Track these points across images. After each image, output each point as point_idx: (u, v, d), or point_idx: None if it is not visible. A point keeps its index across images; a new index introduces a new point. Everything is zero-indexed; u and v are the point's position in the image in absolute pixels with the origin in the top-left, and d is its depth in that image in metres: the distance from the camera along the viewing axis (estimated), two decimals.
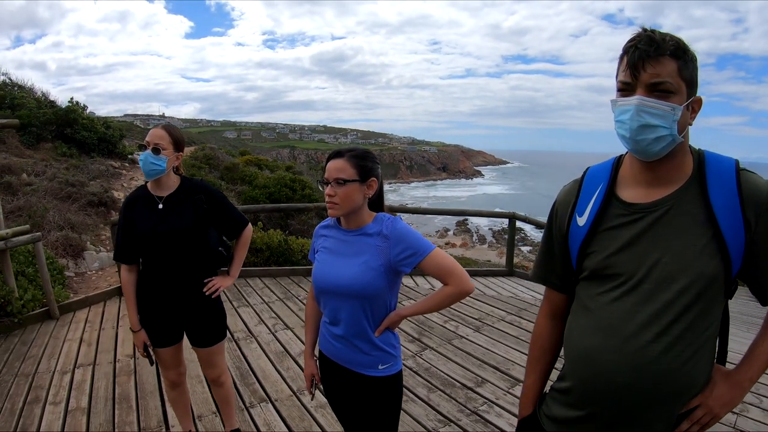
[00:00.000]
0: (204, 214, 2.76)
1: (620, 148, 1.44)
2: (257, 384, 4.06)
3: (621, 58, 1.35)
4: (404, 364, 4.31)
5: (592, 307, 1.45)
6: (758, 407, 3.75)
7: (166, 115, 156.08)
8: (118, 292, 6.45)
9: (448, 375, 4.29)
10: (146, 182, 2.77)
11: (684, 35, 1.35)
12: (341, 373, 2.10)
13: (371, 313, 2.00)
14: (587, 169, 1.56)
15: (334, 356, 2.10)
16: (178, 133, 2.76)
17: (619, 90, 1.36)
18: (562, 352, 1.67)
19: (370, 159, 2.03)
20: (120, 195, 12.38)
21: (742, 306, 7.44)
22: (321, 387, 2.27)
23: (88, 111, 17.72)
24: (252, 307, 6.01)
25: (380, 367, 2.03)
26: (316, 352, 2.27)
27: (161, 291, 2.76)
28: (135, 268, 2.80)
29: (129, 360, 4.49)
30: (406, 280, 7.13)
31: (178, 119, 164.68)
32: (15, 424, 3.49)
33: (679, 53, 1.29)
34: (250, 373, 4.26)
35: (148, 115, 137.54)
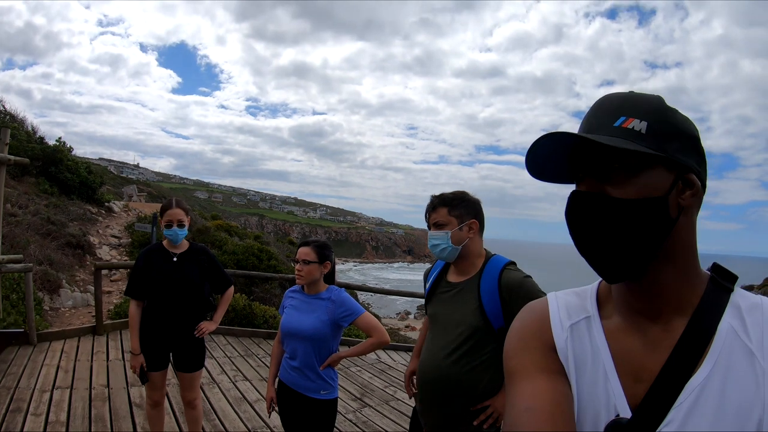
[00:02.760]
0: (204, 271, 3.61)
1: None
2: (218, 420, 4.63)
3: None
4: (345, 417, 4.99)
5: (428, 336, 2.46)
6: None
7: (140, 165, 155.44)
8: (91, 330, 6.98)
9: (382, 428, 4.91)
10: (161, 240, 3.60)
11: None
12: (294, 396, 2.90)
13: (319, 352, 2.88)
14: (437, 261, 2.58)
15: (290, 383, 2.92)
16: (185, 204, 3.65)
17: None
18: None
19: (327, 248, 2.99)
20: (96, 240, 12.87)
21: None
22: (277, 408, 3.03)
23: (72, 153, 18.35)
24: (216, 360, 6.58)
25: (322, 392, 2.87)
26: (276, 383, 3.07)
27: (161, 324, 3.51)
28: (142, 304, 3.56)
29: (103, 389, 5.01)
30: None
31: (152, 171, 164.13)
32: None
33: (448, 202, 2.37)
34: (212, 411, 4.82)
35: (122, 163, 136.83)
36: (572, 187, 0.90)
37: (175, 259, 3.54)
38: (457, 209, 2.35)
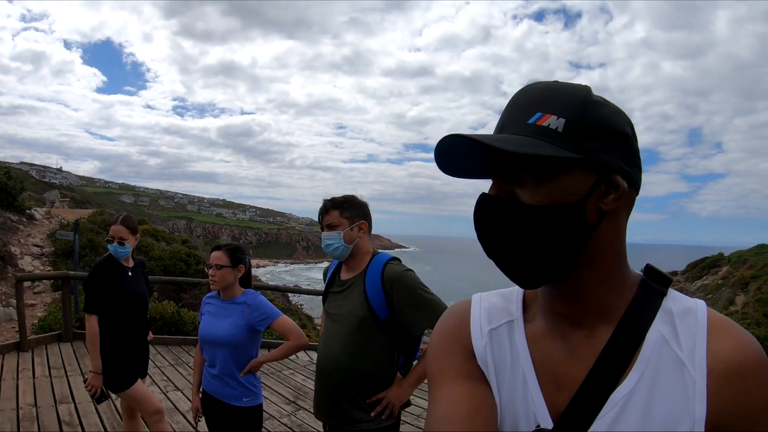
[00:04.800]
0: (147, 283, 3.68)
1: None
2: None
3: None
4: (280, 422, 5.04)
5: (324, 331, 2.56)
6: None
7: (63, 169, 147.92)
8: (15, 347, 6.64)
9: (316, 429, 4.89)
10: (109, 254, 3.48)
11: None
12: (217, 405, 2.87)
13: (237, 358, 2.84)
14: (332, 262, 2.67)
15: (212, 391, 2.88)
16: (132, 222, 3.55)
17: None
18: None
19: (240, 252, 2.94)
20: (17, 251, 12.25)
21: None
22: (202, 417, 2.99)
23: None
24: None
25: (244, 399, 2.84)
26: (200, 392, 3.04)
27: (123, 338, 3.44)
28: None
29: (31, 408, 4.81)
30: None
31: (75, 175, 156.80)
32: None
33: (338, 205, 2.47)
34: (144, 424, 4.70)
35: (45, 167, 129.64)
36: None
37: (129, 273, 3.51)
38: (348, 211, 2.47)
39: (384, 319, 2.32)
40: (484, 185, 0.81)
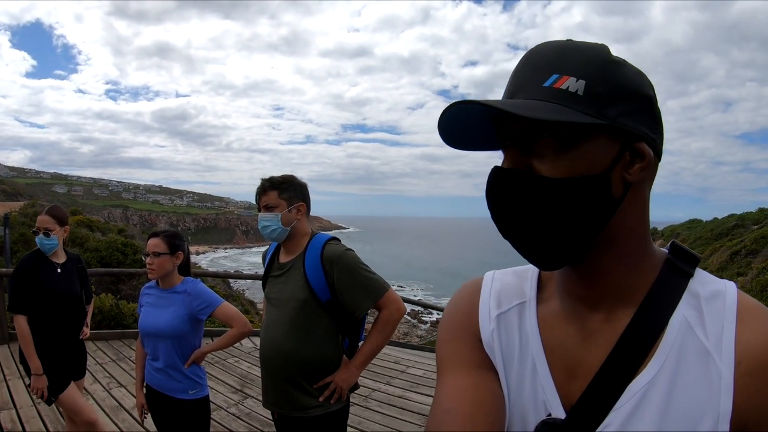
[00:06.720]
0: (81, 280, 3.41)
1: (457, 213, 2.49)
2: None
3: None
4: (228, 412, 4.89)
5: (265, 317, 2.45)
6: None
7: None
8: None
9: (265, 417, 4.78)
10: (37, 249, 3.21)
11: None
12: (162, 399, 2.71)
13: (181, 350, 2.69)
14: (270, 245, 2.56)
15: (156, 385, 2.72)
16: (59, 212, 3.29)
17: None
18: None
19: (178, 238, 2.80)
20: None
21: None
22: (148, 414, 2.84)
23: None
24: (87, 368, 6.11)
25: (190, 392, 2.70)
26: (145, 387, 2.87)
27: (52, 339, 3.17)
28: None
29: None
30: None
31: (5, 166, 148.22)
32: None
33: (276, 185, 2.35)
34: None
35: None
36: (444, 163, 0.70)
37: (59, 270, 3.23)
38: (287, 192, 2.35)
39: (326, 300, 2.23)
40: (425, 166, 0.70)
